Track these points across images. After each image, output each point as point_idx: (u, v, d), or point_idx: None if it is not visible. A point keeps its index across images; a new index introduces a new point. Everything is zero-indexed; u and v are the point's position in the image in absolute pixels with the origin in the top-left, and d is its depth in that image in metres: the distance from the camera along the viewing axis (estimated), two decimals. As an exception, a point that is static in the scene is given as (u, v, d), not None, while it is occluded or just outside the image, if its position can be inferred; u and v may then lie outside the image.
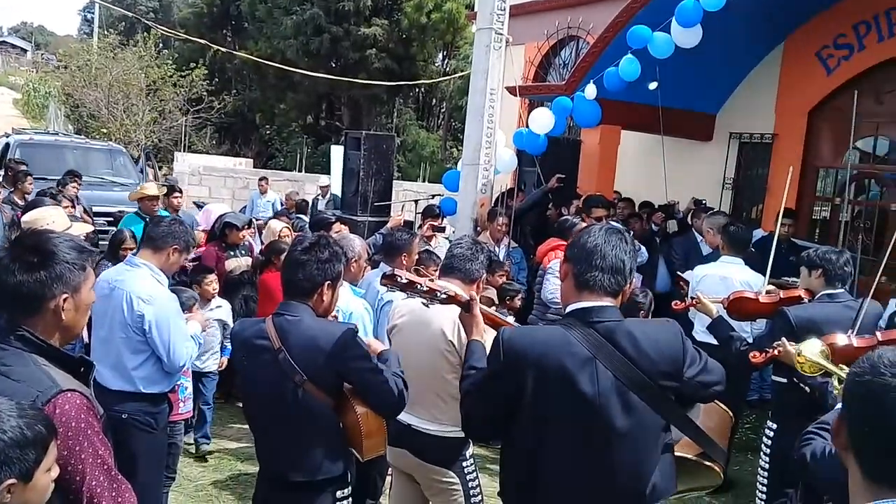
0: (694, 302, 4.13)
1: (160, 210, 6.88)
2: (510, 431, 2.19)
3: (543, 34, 11.06)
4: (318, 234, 2.86)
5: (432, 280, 2.66)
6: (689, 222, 7.44)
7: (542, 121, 7.06)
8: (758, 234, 7.13)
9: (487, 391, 2.22)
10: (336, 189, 11.24)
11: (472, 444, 3.26)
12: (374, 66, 22.42)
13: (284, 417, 2.58)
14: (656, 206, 8.02)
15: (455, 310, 3.07)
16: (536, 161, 7.65)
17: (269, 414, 2.64)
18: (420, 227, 6.37)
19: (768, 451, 3.89)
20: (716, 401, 2.48)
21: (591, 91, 7.00)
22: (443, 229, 6.47)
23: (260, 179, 12.96)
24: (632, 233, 6.14)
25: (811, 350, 2.80)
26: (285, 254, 2.91)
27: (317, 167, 21.35)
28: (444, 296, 2.56)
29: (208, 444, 5.21)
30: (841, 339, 3.43)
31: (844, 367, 3.26)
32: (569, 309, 2.20)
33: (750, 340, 4.02)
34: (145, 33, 22.34)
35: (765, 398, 6.47)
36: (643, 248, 6.73)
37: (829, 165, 8.03)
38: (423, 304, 2.70)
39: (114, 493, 1.83)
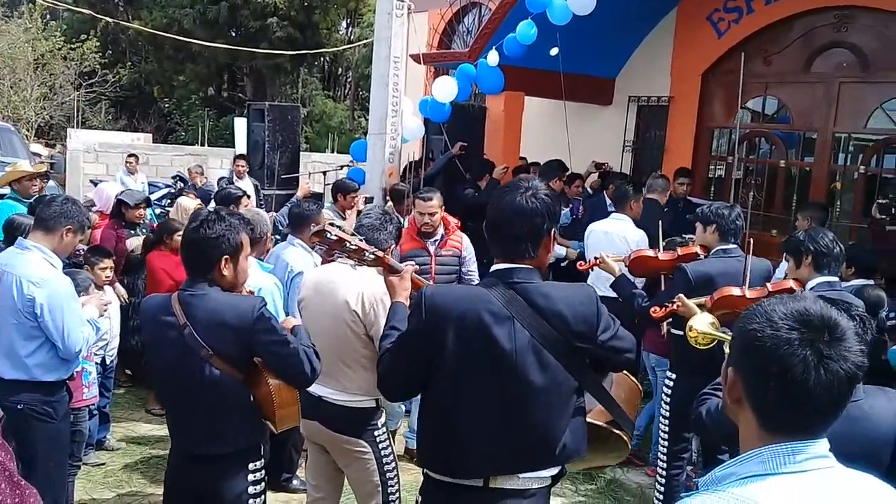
0: (598, 261, 4.25)
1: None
2: (428, 389, 2.23)
3: (446, 1, 11.02)
4: (211, 210, 2.80)
5: (362, 240, 2.65)
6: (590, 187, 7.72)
7: (446, 89, 7.08)
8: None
9: (408, 349, 2.25)
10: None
11: (383, 412, 3.30)
12: (276, 35, 21.82)
13: (193, 392, 2.57)
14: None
15: (361, 279, 3.10)
16: (443, 128, 7.68)
17: (177, 389, 2.63)
18: (335, 201, 6.26)
19: (668, 399, 4.09)
20: (625, 372, 2.56)
21: (493, 58, 7.05)
22: (371, 199, 6.43)
23: (128, 157, 12.19)
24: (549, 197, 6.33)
25: (701, 323, 2.93)
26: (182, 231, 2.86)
27: (220, 140, 20.75)
28: (372, 256, 2.56)
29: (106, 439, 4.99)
30: (735, 291, 3.63)
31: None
32: (491, 269, 2.26)
33: None
34: (31, 4, 21.04)
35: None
36: (565, 211, 6.90)
37: (722, 126, 8.36)
38: (351, 265, 2.70)
39: (17, 501, 1.74)
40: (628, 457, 3.62)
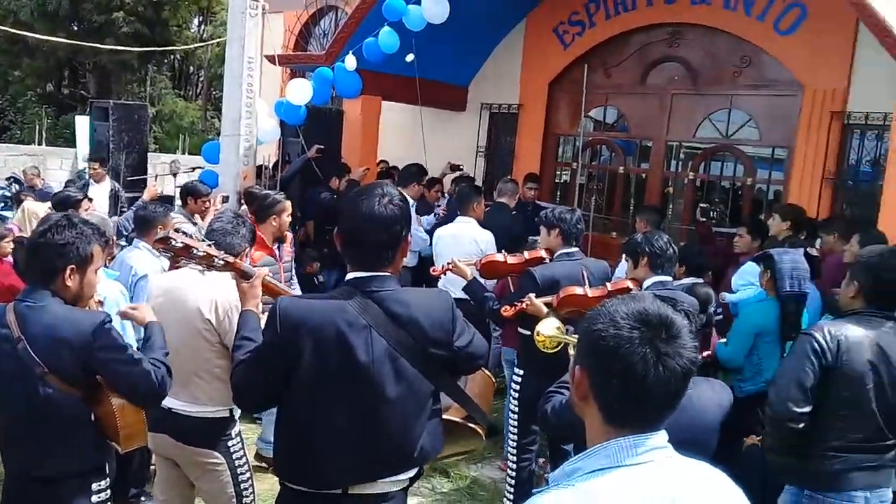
0: (450, 266, 4.39)
1: None
2: (284, 400, 2.21)
3: (303, 3, 10.92)
4: (62, 214, 2.66)
5: (210, 245, 2.57)
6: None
7: (300, 91, 7.04)
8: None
9: (264, 361, 2.21)
10: (84, 164, 10.36)
11: (238, 423, 3.25)
12: (123, 31, 20.71)
13: (28, 411, 2.41)
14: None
15: (213, 286, 3.04)
16: (300, 131, 7.62)
17: (11, 408, 2.46)
18: (184, 205, 6.06)
19: (517, 395, 4.28)
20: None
21: (350, 62, 7.08)
22: (227, 198, 6.27)
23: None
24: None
25: (548, 328, 3.10)
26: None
27: (60, 140, 19.44)
28: (221, 262, 2.50)
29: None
30: (578, 290, 3.87)
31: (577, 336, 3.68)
32: (347, 278, 2.25)
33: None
34: None
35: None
36: (429, 217, 7.05)
37: (567, 133, 8.80)
38: (199, 271, 2.62)
39: None
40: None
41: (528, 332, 4.16)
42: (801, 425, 2.82)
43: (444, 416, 2.41)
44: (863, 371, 2.83)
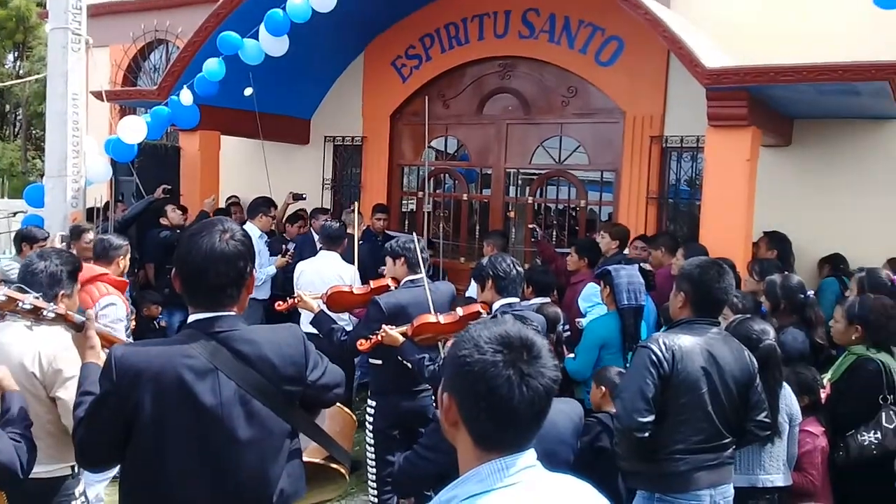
0: (297, 300, 4.35)
1: None
2: (128, 454, 2.08)
3: (130, 36, 10.49)
4: None
5: (38, 297, 2.40)
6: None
7: (134, 128, 6.72)
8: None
9: (102, 415, 2.06)
10: None
11: (81, 482, 3.03)
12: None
13: None
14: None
15: (38, 337, 2.81)
16: (134, 169, 7.28)
17: None
18: (19, 252, 5.65)
19: (371, 427, 4.28)
20: (339, 404, 2.58)
21: (186, 96, 6.87)
22: (66, 237, 5.85)
23: None
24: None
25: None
26: None
27: None
28: (52, 315, 2.34)
29: None
30: (431, 318, 3.94)
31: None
32: (189, 320, 2.15)
33: None
34: None
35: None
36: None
37: (412, 163, 8.97)
38: (27, 325, 2.45)
39: None
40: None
41: (379, 362, 4.21)
42: (647, 434, 2.98)
43: (305, 459, 2.33)
44: (697, 377, 3.04)
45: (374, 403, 4.29)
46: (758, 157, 5.68)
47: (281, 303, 4.48)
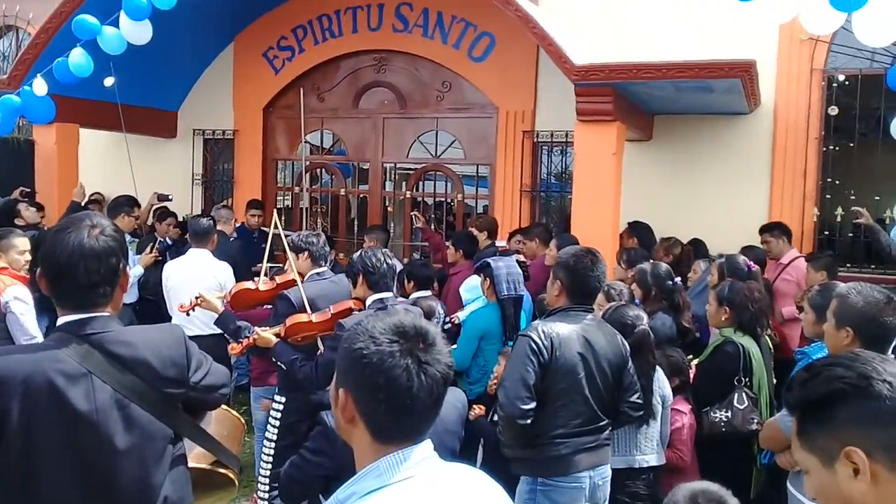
0: (199, 301, 4.20)
1: None
2: None
3: (-28, 22, 9.71)
4: None
5: None
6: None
7: (-17, 121, 6.23)
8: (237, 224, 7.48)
9: None
10: None
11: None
12: None
13: None
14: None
15: None
16: (-19, 165, 6.76)
17: None
18: None
19: (277, 423, 4.20)
20: (225, 407, 2.51)
21: (40, 86, 6.40)
22: None
23: None
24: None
25: None
26: None
27: None
28: None
29: None
30: (303, 318, 3.89)
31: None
32: (59, 323, 2.02)
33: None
34: None
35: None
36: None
37: (287, 158, 8.78)
38: None
39: None
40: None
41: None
42: (530, 420, 3.09)
43: (191, 464, 2.25)
44: (574, 363, 3.17)
45: (282, 399, 4.22)
46: (623, 151, 5.96)
47: (183, 304, 4.31)
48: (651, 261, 4.96)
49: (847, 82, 6.64)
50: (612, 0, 7.14)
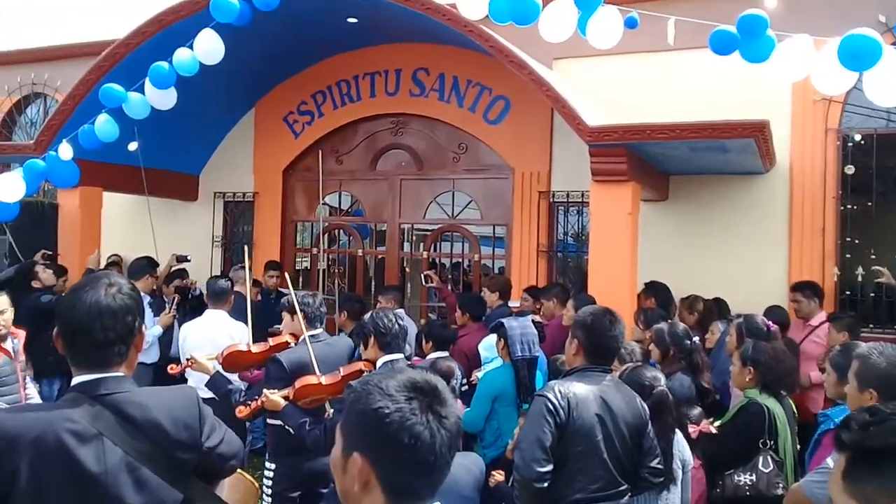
0: (190, 363, 4.18)
1: None
2: None
3: (5, 90, 10.03)
4: None
5: None
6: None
7: (12, 186, 6.36)
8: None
9: None
10: None
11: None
12: None
13: None
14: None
15: None
16: (7, 228, 6.88)
17: None
18: None
19: (269, 490, 4.13)
20: (239, 471, 2.48)
21: (65, 151, 6.55)
22: None
23: None
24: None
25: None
26: None
27: None
28: None
29: None
30: (313, 380, 3.84)
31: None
32: (73, 383, 2.01)
33: None
34: None
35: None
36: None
37: (305, 219, 8.89)
38: None
39: None
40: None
41: (278, 423, 4.09)
42: (547, 484, 3.01)
43: None
44: (592, 424, 3.10)
45: (272, 466, 4.15)
46: (639, 211, 5.97)
47: (174, 366, 4.28)
48: (669, 321, 4.91)
49: (863, 142, 6.65)
50: (626, 62, 7.23)
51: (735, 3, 6.19)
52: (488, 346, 5.05)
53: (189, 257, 7.86)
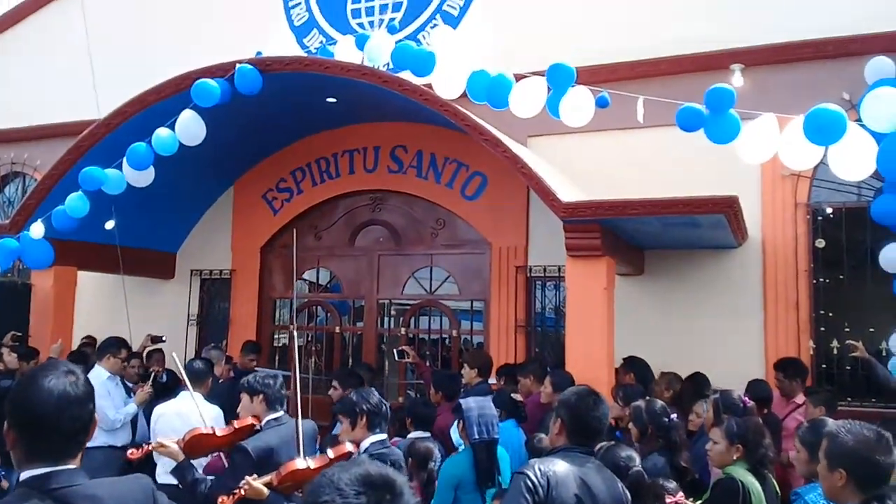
0: (155, 446, 4.06)
1: None
2: None
3: (-20, 169, 10.06)
4: None
5: None
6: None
7: (-16, 265, 6.32)
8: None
9: None
10: None
11: None
12: None
13: None
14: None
15: None
16: (-24, 309, 6.78)
17: None
18: None
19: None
20: None
21: (37, 230, 6.53)
22: None
23: None
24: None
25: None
26: None
27: None
28: None
29: None
30: (300, 464, 3.73)
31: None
32: (22, 478, 1.93)
33: None
34: None
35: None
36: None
37: (283, 296, 8.84)
38: None
39: None
40: None
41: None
42: None
43: None
44: (571, 504, 3.05)
45: None
46: (614, 286, 5.99)
47: (134, 450, 4.09)
48: (647, 398, 4.87)
49: (833, 215, 6.77)
50: (599, 139, 7.36)
51: (702, 83, 6.38)
52: (455, 429, 4.94)
53: (164, 338, 7.75)
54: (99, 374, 6.11)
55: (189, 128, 6.28)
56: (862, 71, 6.06)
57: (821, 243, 6.71)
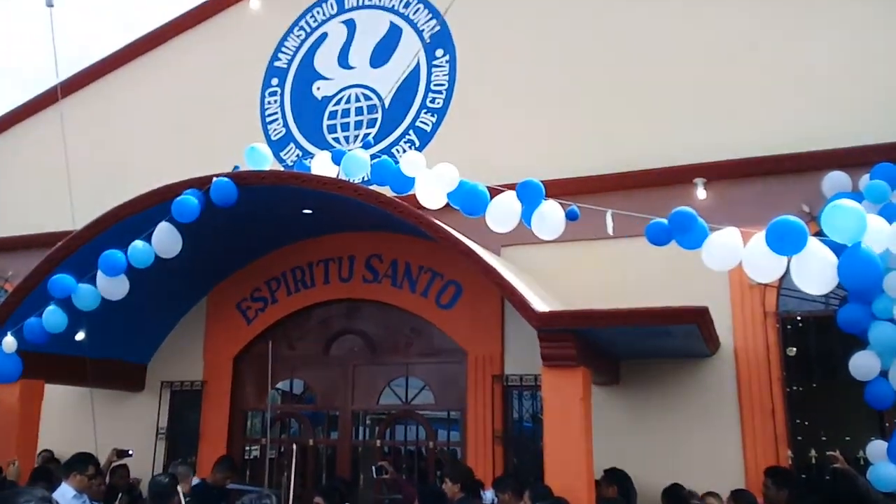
0: None
1: None
2: None
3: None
4: None
5: None
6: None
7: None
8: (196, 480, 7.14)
9: None
10: None
11: None
12: None
13: None
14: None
15: None
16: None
17: None
18: None
19: None
20: None
21: (9, 343, 6.41)
22: None
23: None
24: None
25: None
26: None
27: None
28: None
29: None
30: None
31: None
32: None
33: None
34: None
35: None
36: None
37: (255, 408, 8.66)
38: None
39: None
40: None
41: None
42: None
43: None
44: None
45: None
46: (591, 395, 5.96)
47: None
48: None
49: (801, 324, 6.87)
50: (571, 249, 7.48)
51: (668, 196, 6.62)
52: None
53: (131, 451, 7.48)
54: (64, 494, 5.88)
55: (165, 240, 6.30)
56: (819, 185, 6.31)
57: (792, 351, 6.79)
